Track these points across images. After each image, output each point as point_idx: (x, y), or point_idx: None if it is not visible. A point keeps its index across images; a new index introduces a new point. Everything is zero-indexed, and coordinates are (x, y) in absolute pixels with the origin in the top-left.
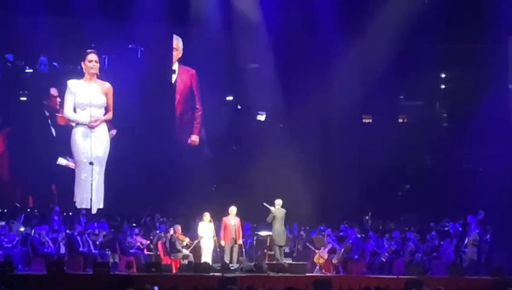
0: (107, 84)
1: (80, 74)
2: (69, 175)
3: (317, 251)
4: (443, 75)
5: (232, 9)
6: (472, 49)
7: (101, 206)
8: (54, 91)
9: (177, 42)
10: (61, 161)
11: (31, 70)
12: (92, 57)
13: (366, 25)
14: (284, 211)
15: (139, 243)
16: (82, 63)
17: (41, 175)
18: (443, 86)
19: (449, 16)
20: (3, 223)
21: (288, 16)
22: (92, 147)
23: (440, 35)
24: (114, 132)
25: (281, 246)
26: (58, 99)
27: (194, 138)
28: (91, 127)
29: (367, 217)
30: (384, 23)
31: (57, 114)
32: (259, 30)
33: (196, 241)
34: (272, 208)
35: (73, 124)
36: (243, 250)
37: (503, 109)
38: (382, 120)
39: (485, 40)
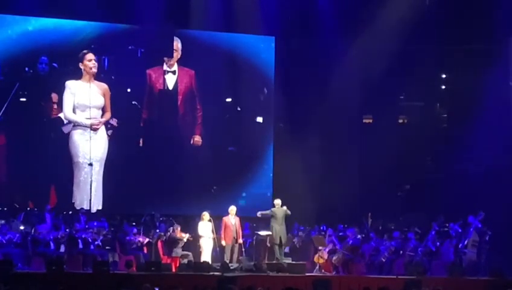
0: (105, 85)
1: (78, 75)
2: (68, 176)
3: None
4: (443, 76)
5: (231, 10)
6: (472, 50)
7: (100, 207)
8: (54, 97)
9: (177, 43)
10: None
11: (31, 71)
12: (91, 56)
13: (366, 25)
14: (284, 210)
15: (138, 241)
16: (80, 64)
17: (40, 175)
18: (443, 87)
19: (449, 16)
20: (3, 221)
21: (288, 17)
22: (91, 149)
23: (440, 35)
24: (115, 121)
25: (280, 246)
26: (55, 106)
27: (197, 138)
28: (94, 129)
29: (367, 217)
30: (384, 23)
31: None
32: (259, 30)
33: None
34: (268, 211)
35: (72, 125)
36: (243, 249)
37: (503, 109)
38: (382, 120)
39: (485, 40)
